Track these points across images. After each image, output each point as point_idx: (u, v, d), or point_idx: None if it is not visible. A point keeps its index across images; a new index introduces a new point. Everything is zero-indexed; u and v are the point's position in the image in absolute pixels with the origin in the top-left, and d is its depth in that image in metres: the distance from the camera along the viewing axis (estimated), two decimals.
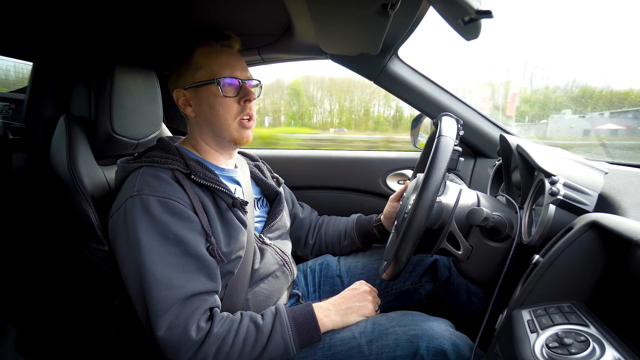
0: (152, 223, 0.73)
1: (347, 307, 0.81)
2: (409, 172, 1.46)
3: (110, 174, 0.93)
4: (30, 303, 0.98)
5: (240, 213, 0.85)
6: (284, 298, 0.96)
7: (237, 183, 0.94)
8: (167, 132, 1.19)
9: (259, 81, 0.92)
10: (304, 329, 0.76)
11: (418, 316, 0.80)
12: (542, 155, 0.74)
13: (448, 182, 0.81)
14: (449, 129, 0.72)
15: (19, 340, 0.65)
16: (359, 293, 0.84)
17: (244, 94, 0.86)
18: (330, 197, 1.50)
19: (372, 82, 1.29)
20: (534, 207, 0.78)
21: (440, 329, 0.75)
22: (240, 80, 0.86)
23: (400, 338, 0.75)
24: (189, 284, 0.72)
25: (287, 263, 0.96)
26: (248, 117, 0.87)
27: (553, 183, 0.67)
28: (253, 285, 0.89)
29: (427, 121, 1.39)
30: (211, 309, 0.75)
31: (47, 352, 0.95)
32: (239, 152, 1.05)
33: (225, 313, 0.76)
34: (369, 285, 0.88)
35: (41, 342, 0.95)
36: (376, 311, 0.85)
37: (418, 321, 0.77)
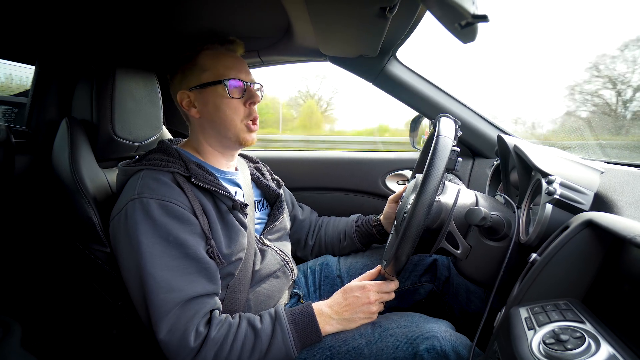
0: (153, 226, 0.73)
1: (350, 318, 0.79)
2: (408, 173, 1.47)
3: (111, 176, 0.94)
4: (34, 304, 0.98)
5: (241, 215, 0.85)
6: (284, 298, 0.96)
7: (238, 185, 0.95)
8: (168, 135, 1.19)
9: (261, 85, 0.93)
10: (304, 332, 0.76)
11: (418, 317, 0.80)
12: (539, 155, 0.75)
13: (447, 182, 0.82)
14: (447, 129, 0.72)
15: (24, 338, 0.65)
16: (364, 304, 0.79)
17: (249, 96, 0.87)
18: (330, 198, 1.51)
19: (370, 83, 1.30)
20: (531, 206, 0.79)
21: (440, 331, 0.75)
22: (245, 83, 0.87)
23: (400, 339, 0.75)
24: (189, 287, 0.73)
25: (287, 263, 0.97)
26: (253, 120, 0.89)
27: (550, 183, 0.67)
28: (254, 286, 0.89)
29: (425, 122, 1.40)
30: (211, 312, 0.75)
31: (52, 351, 0.96)
32: (239, 154, 1.06)
33: (223, 315, 0.76)
34: (378, 291, 0.81)
35: (45, 342, 0.96)
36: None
37: (418, 323, 0.78)
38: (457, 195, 0.78)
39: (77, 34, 1.01)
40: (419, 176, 0.77)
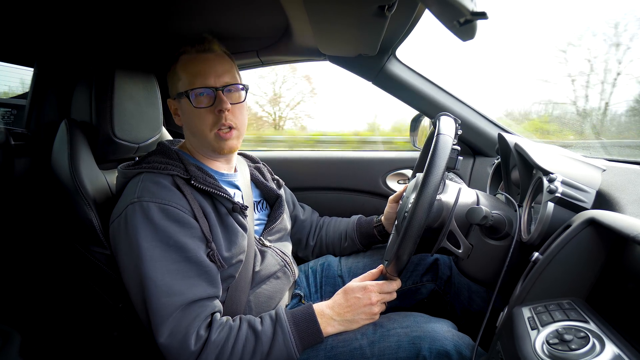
0: (153, 230, 0.73)
1: (352, 319, 0.78)
2: (408, 172, 1.46)
3: (111, 178, 0.94)
4: (34, 307, 0.98)
5: (241, 217, 0.85)
6: (286, 299, 0.96)
7: (237, 187, 0.94)
8: (168, 136, 1.19)
9: (244, 85, 0.87)
10: (305, 333, 0.76)
11: (420, 317, 0.80)
12: (540, 154, 0.74)
13: (447, 181, 0.82)
14: (447, 127, 0.72)
15: (23, 346, 0.65)
16: (366, 305, 0.78)
17: (217, 104, 0.82)
18: (331, 197, 1.50)
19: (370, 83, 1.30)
20: (533, 205, 0.78)
21: (442, 330, 0.75)
22: (214, 89, 0.82)
23: (402, 340, 0.75)
24: (189, 291, 0.72)
25: (287, 264, 0.96)
26: (227, 128, 0.83)
27: (551, 181, 0.67)
28: (255, 287, 0.89)
29: (425, 121, 1.39)
30: (212, 315, 0.75)
31: (51, 357, 0.95)
32: (239, 154, 1.05)
33: (224, 318, 0.75)
34: (380, 292, 0.80)
35: (45, 346, 0.95)
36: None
37: (420, 322, 0.77)
38: (458, 194, 0.77)
39: (76, 35, 1.01)
40: (420, 175, 0.76)
